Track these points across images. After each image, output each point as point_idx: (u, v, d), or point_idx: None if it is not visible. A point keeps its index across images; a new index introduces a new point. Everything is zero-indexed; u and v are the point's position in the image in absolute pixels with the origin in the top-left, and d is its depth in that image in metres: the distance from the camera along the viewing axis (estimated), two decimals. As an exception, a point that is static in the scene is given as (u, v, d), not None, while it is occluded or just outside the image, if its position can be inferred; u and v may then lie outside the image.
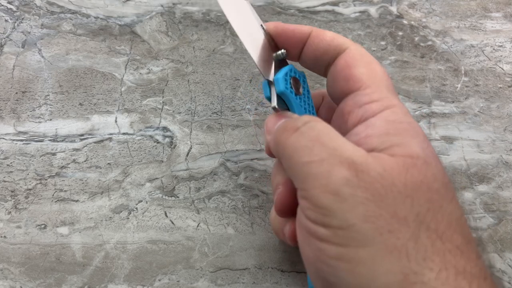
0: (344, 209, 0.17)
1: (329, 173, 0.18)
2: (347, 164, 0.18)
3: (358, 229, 0.17)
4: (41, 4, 0.39)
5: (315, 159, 0.18)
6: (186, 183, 0.33)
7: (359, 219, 0.17)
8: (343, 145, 0.19)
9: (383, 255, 0.16)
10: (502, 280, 0.30)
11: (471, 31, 0.40)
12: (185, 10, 0.39)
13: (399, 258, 0.16)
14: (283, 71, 0.24)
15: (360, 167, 0.18)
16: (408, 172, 0.18)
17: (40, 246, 0.30)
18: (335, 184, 0.18)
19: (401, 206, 0.17)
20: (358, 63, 0.23)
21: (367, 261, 0.17)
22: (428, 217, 0.17)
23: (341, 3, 0.40)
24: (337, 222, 0.17)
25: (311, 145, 0.19)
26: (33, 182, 0.32)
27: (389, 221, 0.17)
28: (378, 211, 0.17)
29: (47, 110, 0.35)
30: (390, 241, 0.16)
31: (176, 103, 0.35)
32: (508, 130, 0.35)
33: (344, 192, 0.17)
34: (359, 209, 0.17)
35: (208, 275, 0.30)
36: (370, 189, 0.17)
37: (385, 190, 0.17)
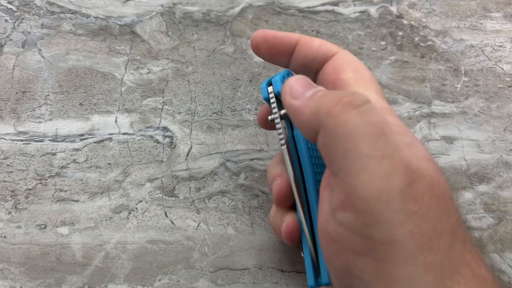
0: (394, 222, 0.16)
1: (389, 175, 0.16)
2: (404, 168, 0.16)
3: (402, 246, 0.16)
4: (41, 4, 0.39)
5: (377, 153, 0.16)
6: (186, 183, 0.33)
7: (405, 236, 0.16)
8: (402, 144, 0.17)
9: (422, 273, 0.16)
10: (503, 281, 0.30)
11: (471, 31, 0.40)
12: (185, 10, 0.39)
13: (435, 275, 0.16)
14: (281, 74, 0.24)
15: (415, 174, 0.16)
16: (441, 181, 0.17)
17: (40, 246, 0.30)
18: (392, 190, 0.16)
19: (441, 219, 0.16)
20: (345, 68, 0.22)
21: (404, 279, 0.16)
22: (457, 227, 0.17)
23: (341, 3, 0.40)
24: (382, 235, 0.16)
25: (377, 135, 0.16)
26: (33, 182, 0.32)
27: (430, 236, 0.16)
28: (423, 226, 0.16)
29: (47, 110, 0.35)
30: (428, 259, 0.16)
31: (176, 103, 0.35)
32: (508, 130, 0.35)
33: (398, 203, 0.16)
34: (408, 225, 0.16)
35: (208, 275, 0.30)
36: (420, 201, 0.16)
37: (431, 202, 0.16)
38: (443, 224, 0.16)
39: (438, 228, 0.16)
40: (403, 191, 0.16)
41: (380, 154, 0.16)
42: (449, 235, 0.16)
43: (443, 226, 0.16)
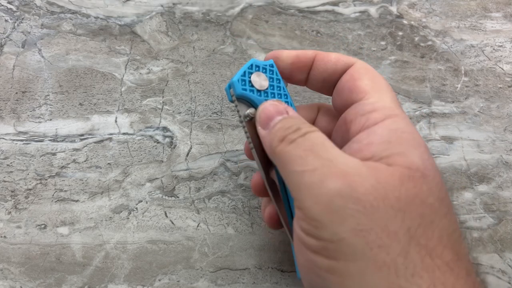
0: (334, 221, 0.17)
1: (321, 183, 0.18)
2: (340, 174, 0.18)
3: (348, 243, 0.17)
4: (41, 4, 0.39)
5: (307, 168, 0.18)
6: (186, 183, 0.33)
7: (349, 233, 0.17)
8: (337, 156, 0.19)
9: (372, 270, 0.16)
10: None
11: (471, 31, 0.40)
12: (185, 10, 0.39)
13: (388, 274, 0.16)
14: (241, 70, 0.24)
15: (353, 178, 0.17)
16: (403, 185, 0.18)
17: (40, 246, 0.30)
18: (326, 195, 0.17)
19: (393, 220, 0.17)
20: (362, 76, 0.23)
21: (356, 275, 0.17)
22: (418, 232, 0.17)
23: (341, 3, 0.40)
24: (327, 235, 0.17)
25: (305, 155, 0.19)
26: (33, 182, 0.32)
27: (379, 235, 0.17)
28: (369, 224, 0.17)
29: (47, 110, 0.35)
30: (379, 256, 0.16)
31: (176, 103, 0.36)
32: (508, 130, 0.35)
33: (335, 204, 0.17)
34: (350, 222, 0.17)
35: (208, 275, 0.30)
36: (362, 201, 0.17)
37: (377, 202, 0.17)
38: (395, 225, 0.17)
39: (389, 228, 0.17)
40: (340, 193, 0.17)
41: (311, 168, 0.18)
42: (404, 237, 0.17)
43: (396, 228, 0.17)
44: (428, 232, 0.17)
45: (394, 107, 0.22)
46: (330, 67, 0.24)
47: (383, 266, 0.16)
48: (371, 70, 0.24)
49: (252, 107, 0.24)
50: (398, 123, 0.20)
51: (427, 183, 0.18)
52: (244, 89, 0.23)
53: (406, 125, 0.20)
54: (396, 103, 0.22)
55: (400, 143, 0.19)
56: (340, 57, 0.24)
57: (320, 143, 0.20)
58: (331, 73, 0.24)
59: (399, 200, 0.17)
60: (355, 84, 0.23)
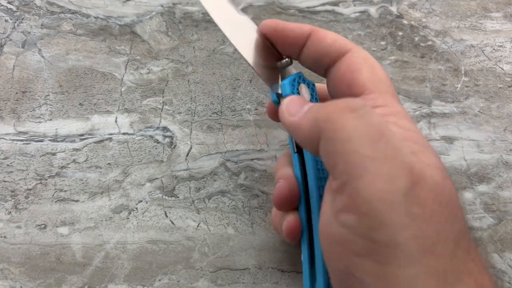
0: (397, 225, 0.15)
1: (392, 177, 0.16)
2: (408, 171, 0.16)
3: (405, 249, 0.15)
4: (41, 4, 0.39)
5: (378, 155, 0.16)
6: (186, 183, 0.33)
7: (408, 239, 0.15)
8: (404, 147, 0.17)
9: (424, 277, 0.15)
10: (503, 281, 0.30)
11: (471, 31, 0.40)
12: (185, 10, 0.39)
13: (438, 281, 0.16)
14: (291, 77, 0.24)
15: (418, 178, 0.16)
16: (447, 187, 0.17)
17: (40, 246, 0.30)
18: (396, 192, 0.16)
19: (445, 224, 0.16)
20: (361, 67, 0.22)
21: (406, 282, 0.16)
22: (461, 235, 0.17)
23: (341, 3, 0.40)
24: (384, 238, 0.16)
25: (377, 137, 0.16)
26: (33, 182, 0.32)
27: (434, 241, 0.16)
28: (426, 230, 0.16)
29: (47, 110, 0.35)
30: (431, 263, 0.16)
31: (176, 103, 0.35)
32: (508, 130, 0.35)
33: (401, 205, 0.16)
34: (412, 228, 0.16)
35: (208, 275, 0.30)
36: (424, 205, 0.16)
37: (434, 207, 0.16)
38: (446, 230, 0.16)
39: (441, 233, 0.16)
40: (407, 193, 0.16)
41: (382, 156, 0.16)
42: (452, 242, 0.16)
43: (447, 232, 0.16)
44: (467, 235, 0.17)
45: (395, 103, 0.21)
46: (323, 48, 0.23)
47: (434, 273, 0.16)
48: (369, 58, 0.23)
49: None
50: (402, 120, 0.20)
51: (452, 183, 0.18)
52: (293, 92, 0.23)
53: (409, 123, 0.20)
54: (395, 97, 0.22)
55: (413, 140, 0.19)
56: (336, 39, 0.23)
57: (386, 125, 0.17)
58: (323, 55, 0.23)
59: (448, 203, 0.17)
60: (353, 77, 0.22)
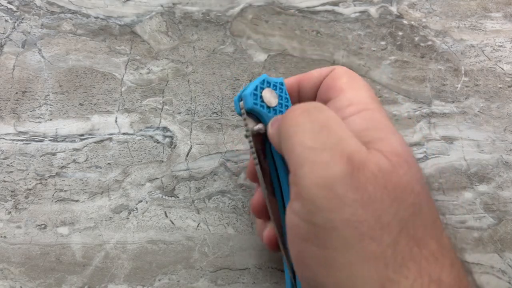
0: (331, 208, 0.17)
1: (328, 165, 0.17)
2: (346, 158, 0.17)
3: (340, 233, 0.16)
4: (41, 4, 0.39)
5: (318, 146, 0.18)
6: (186, 183, 0.33)
7: (343, 223, 0.17)
8: (348, 136, 0.18)
9: (362, 261, 0.16)
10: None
11: (471, 31, 0.40)
12: (185, 10, 0.39)
13: (377, 266, 0.16)
14: (253, 84, 0.24)
15: (358, 164, 0.17)
16: (397, 172, 0.17)
17: (40, 246, 0.30)
18: (331, 177, 0.17)
19: (387, 210, 0.17)
20: (341, 76, 0.24)
21: (346, 266, 0.16)
22: (409, 222, 0.17)
23: (341, 3, 0.40)
24: (321, 220, 0.17)
25: (318, 129, 0.18)
26: (33, 182, 0.32)
27: (372, 226, 0.16)
28: (363, 215, 0.16)
29: (47, 110, 0.35)
30: (370, 248, 0.16)
31: (176, 103, 0.36)
32: (508, 130, 0.35)
33: (336, 190, 0.17)
34: (346, 211, 0.17)
35: (208, 275, 0.30)
36: (362, 190, 0.17)
37: (376, 192, 0.17)
38: (389, 216, 0.17)
39: (382, 219, 0.17)
40: (342, 180, 0.17)
41: (321, 146, 0.18)
42: (396, 228, 0.16)
43: (389, 218, 0.17)
44: (417, 222, 0.17)
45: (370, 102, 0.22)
46: (315, 81, 0.25)
47: (373, 258, 0.16)
48: (350, 72, 0.25)
49: (260, 122, 0.24)
50: (374, 115, 0.21)
51: (412, 169, 0.18)
52: (255, 104, 0.23)
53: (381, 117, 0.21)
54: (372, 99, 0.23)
55: (378, 129, 0.20)
56: (321, 70, 0.25)
57: (334, 119, 0.19)
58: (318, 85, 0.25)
59: (396, 190, 0.17)
60: (333, 83, 0.24)
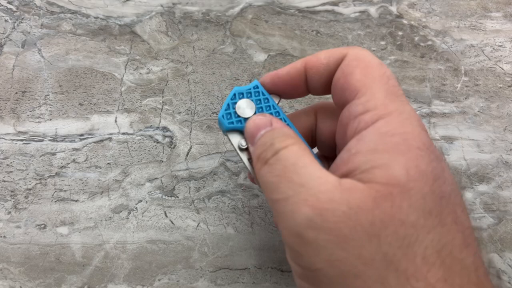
0: (309, 253, 0.17)
1: (293, 214, 0.17)
2: (311, 202, 0.17)
3: (324, 273, 0.17)
4: (41, 4, 0.39)
5: (280, 197, 0.18)
6: (186, 183, 0.33)
7: (324, 264, 0.17)
8: (310, 178, 0.18)
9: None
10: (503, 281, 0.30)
11: (471, 31, 0.40)
12: (185, 10, 0.39)
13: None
14: (224, 104, 0.23)
15: (325, 205, 0.17)
16: (378, 207, 0.16)
17: (40, 246, 0.30)
18: (298, 226, 0.17)
19: (367, 247, 0.16)
20: (354, 70, 0.21)
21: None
22: (397, 256, 0.16)
23: (341, 3, 0.40)
24: (305, 264, 0.17)
25: (277, 181, 0.19)
26: (32, 182, 0.32)
27: (354, 263, 0.16)
28: (342, 254, 0.16)
29: (47, 110, 0.35)
30: (355, 285, 0.16)
31: (176, 103, 0.35)
32: (508, 130, 0.35)
33: (307, 236, 0.17)
34: (323, 253, 0.17)
35: (208, 275, 0.30)
36: (334, 230, 0.16)
37: (350, 230, 0.16)
38: (370, 252, 0.16)
39: (364, 255, 0.16)
40: (311, 224, 0.17)
41: (283, 196, 0.18)
42: (381, 263, 0.16)
43: (371, 254, 0.16)
44: (410, 254, 0.16)
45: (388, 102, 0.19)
46: (323, 71, 0.22)
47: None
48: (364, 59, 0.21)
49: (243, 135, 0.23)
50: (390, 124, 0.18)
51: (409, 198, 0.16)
52: (231, 123, 0.23)
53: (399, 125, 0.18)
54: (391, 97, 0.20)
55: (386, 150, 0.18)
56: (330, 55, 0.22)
57: (291, 164, 0.19)
58: (327, 76, 0.22)
59: (373, 225, 0.16)
60: (346, 81, 0.21)
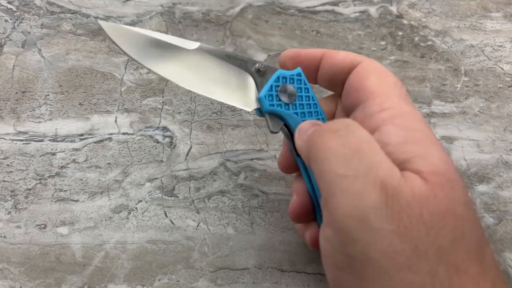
0: (367, 240, 0.16)
1: (361, 195, 0.16)
2: (380, 186, 0.16)
3: (377, 264, 0.16)
4: (41, 4, 0.39)
5: (350, 173, 0.17)
6: (186, 183, 0.33)
7: (380, 254, 0.16)
8: (380, 161, 0.17)
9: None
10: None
11: (471, 31, 0.40)
12: (185, 10, 0.39)
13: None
14: (268, 84, 0.23)
15: (391, 192, 0.16)
16: (436, 197, 0.17)
17: (40, 246, 0.30)
18: (365, 209, 0.16)
19: (424, 239, 0.16)
20: (369, 75, 0.22)
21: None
22: (448, 249, 0.16)
23: (341, 3, 0.40)
24: (356, 253, 0.16)
25: (350, 155, 0.17)
26: (33, 182, 0.32)
27: (409, 256, 0.16)
28: (400, 246, 0.16)
29: (47, 110, 0.35)
30: (407, 278, 0.16)
31: (176, 103, 0.35)
32: (508, 130, 0.35)
33: (371, 221, 0.16)
34: (382, 243, 0.16)
35: (208, 275, 0.30)
36: (397, 220, 0.16)
37: (411, 221, 0.16)
38: (426, 245, 0.16)
39: (419, 248, 0.16)
40: (378, 210, 0.16)
41: (353, 173, 0.17)
42: (434, 256, 0.16)
43: (426, 247, 0.16)
44: (457, 248, 0.16)
45: (404, 103, 0.21)
46: (336, 65, 0.24)
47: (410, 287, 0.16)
48: (379, 67, 0.23)
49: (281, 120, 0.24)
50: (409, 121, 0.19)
51: (454, 189, 0.17)
52: (272, 105, 0.23)
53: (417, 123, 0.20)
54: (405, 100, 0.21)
55: (417, 142, 0.18)
56: (347, 55, 0.24)
57: (367, 142, 0.18)
58: (337, 71, 0.24)
59: (432, 217, 0.16)
60: (361, 84, 0.22)
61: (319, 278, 0.30)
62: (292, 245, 0.31)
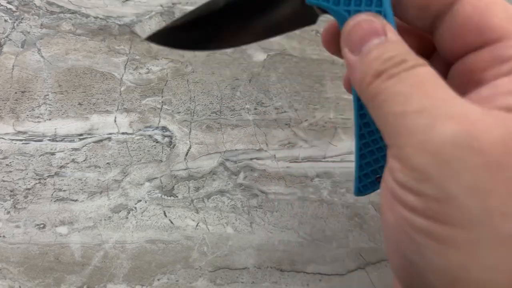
0: (445, 175, 0.13)
1: (431, 127, 0.14)
2: (457, 118, 0.14)
3: (461, 205, 0.13)
4: (41, 4, 0.39)
5: (412, 108, 0.15)
6: (185, 183, 0.33)
7: (464, 192, 0.13)
8: (453, 97, 0.15)
9: (490, 244, 0.13)
10: None
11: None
12: (185, 10, 0.39)
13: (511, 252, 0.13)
14: None
15: (475, 125, 0.14)
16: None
17: (39, 246, 0.30)
18: (438, 141, 0.14)
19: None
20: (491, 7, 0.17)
21: (466, 247, 0.13)
22: None
23: (341, 3, 0.40)
24: (433, 191, 0.14)
25: (410, 92, 0.15)
26: (32, 182, 0.32)
27: (504, 199, 0.13)
28: (492, 184, 0.13)
29: (46, 110, 0.35)
30: (502, 228, 0.13)
31: (175, 102, 0.36)
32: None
33: (449, 153, 0.13)
34: (466, 177, 0.13)
35: (207, 274, 0.30)
36: (486, 154, 0.13)
37: (506, 159, 0.13)
38: None
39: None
40: (457, 140, 0.13)
41: (417, 108, 0.15)
42: None
43: None
44: None
45: None
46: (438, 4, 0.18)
47: (506, 242, 0.13)
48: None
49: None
50: None
51: None
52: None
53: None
54: None
55: None
56: None
57: (431, 79, 0.15)
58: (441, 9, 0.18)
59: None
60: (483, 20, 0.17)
61: (318, 277, 0.30)
62: (292, 245, 0.31)
